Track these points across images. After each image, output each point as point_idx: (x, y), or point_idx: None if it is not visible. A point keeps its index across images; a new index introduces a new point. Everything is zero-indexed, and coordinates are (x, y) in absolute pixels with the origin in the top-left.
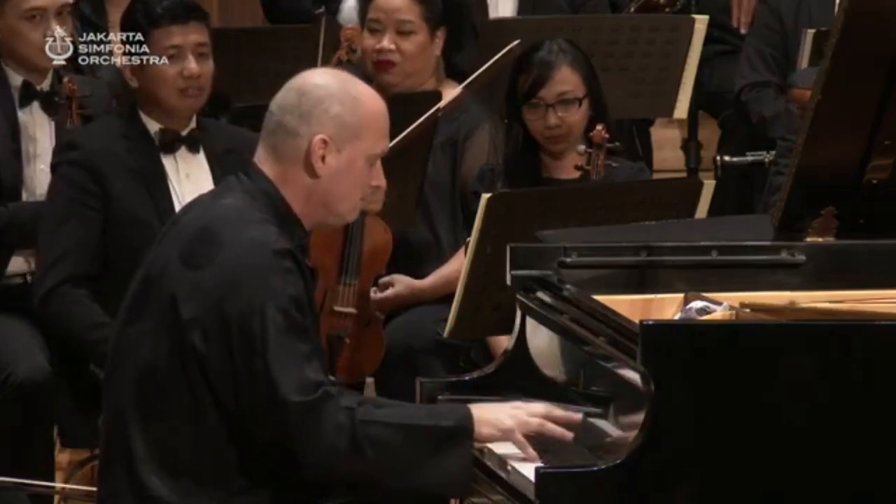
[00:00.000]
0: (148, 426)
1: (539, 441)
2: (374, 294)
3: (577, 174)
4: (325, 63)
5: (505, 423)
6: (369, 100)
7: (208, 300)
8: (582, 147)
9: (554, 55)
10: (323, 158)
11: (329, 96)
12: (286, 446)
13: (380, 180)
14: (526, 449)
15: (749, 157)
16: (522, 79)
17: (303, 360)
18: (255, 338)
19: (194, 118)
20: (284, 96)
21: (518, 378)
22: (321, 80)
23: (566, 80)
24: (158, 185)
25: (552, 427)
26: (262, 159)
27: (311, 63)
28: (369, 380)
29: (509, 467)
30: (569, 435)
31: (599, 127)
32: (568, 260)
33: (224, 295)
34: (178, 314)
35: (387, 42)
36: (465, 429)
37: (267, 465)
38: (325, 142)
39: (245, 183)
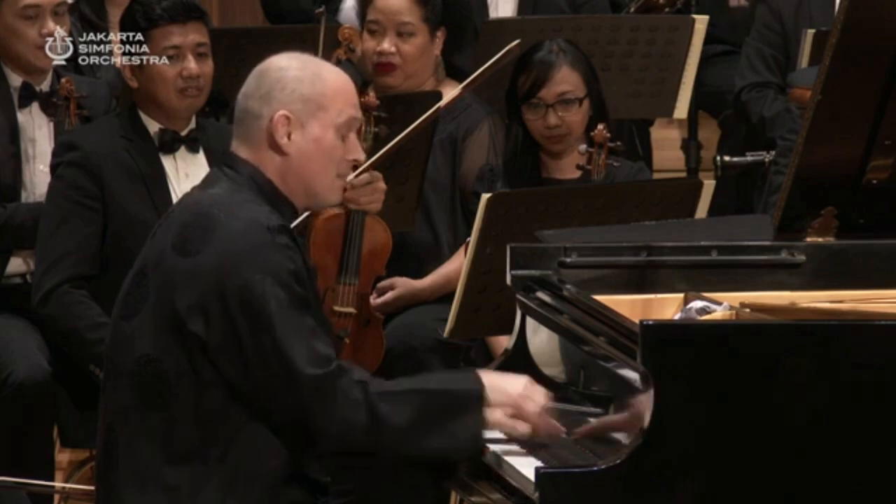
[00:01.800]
0: (151, 417)
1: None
2: (374, 299)
3: (577, 174)
4: None
5: (516, 389)
6: (330, 73)
7: (207, 283)
8: (583, 147)
9: (554, 55)
10: (289, 136)
11: (287, 74)
12: (301, 421)
13: (356, 154)
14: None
15: (749, 157)
16: (522, 79)
17: (310, 333)
18: (259, 315)
19: (194, 118)
20: (247, 84)
21: None
22: (281, 62)
23: (566, 80)
24: (158, 185)
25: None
26: (237, 148)
27: None
28: None
29: (509, 466)
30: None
31: (601, 126)
32: (568, 260)
33: (223, 276)
34: (176, 303)
35: (387, 44)
36: (478, 392)
37: (275, 448)
38: (287, 118)
39: (229, 173)
